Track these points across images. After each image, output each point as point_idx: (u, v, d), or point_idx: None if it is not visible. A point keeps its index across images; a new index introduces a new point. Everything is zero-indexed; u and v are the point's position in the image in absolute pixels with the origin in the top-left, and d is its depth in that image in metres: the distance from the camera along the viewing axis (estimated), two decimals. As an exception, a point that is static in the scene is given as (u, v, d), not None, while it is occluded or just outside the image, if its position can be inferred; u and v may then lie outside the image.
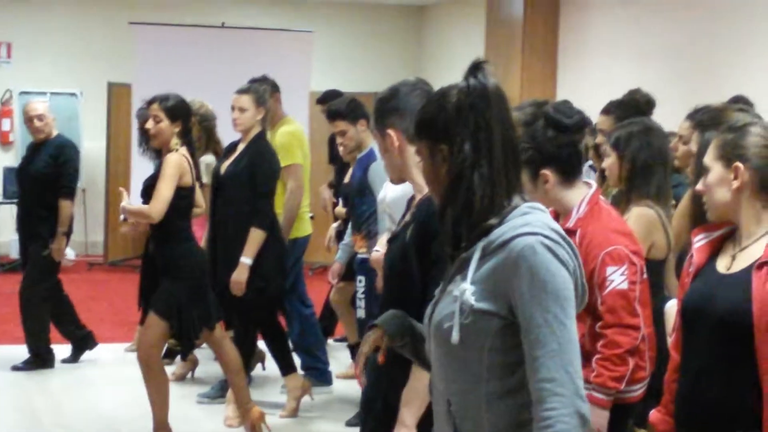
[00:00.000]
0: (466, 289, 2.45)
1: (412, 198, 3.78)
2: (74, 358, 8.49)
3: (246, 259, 6.71)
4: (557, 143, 3.94)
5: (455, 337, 2.45)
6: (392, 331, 2.84)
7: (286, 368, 7.37)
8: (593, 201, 4.00)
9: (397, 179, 3.79)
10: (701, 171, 3.65)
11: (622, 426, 4.05)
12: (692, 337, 3.25)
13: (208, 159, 7.39)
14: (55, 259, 8.10)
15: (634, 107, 5.65)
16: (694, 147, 4.60)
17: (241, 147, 7.01)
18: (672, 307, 3.78)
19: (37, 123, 8.20)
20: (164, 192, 6.05)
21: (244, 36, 13.87)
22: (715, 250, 3.29)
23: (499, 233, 2.46)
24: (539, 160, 3.91)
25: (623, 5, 12.17)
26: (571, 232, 3.89)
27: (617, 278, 3.85)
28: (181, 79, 11.12)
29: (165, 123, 6.17)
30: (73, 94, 14.64)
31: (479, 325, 2.44)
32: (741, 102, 5.54)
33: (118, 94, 13.57)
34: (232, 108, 6.97)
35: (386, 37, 16.32)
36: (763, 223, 3.20)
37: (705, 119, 4.61)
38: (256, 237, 6.77)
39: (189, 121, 6.50)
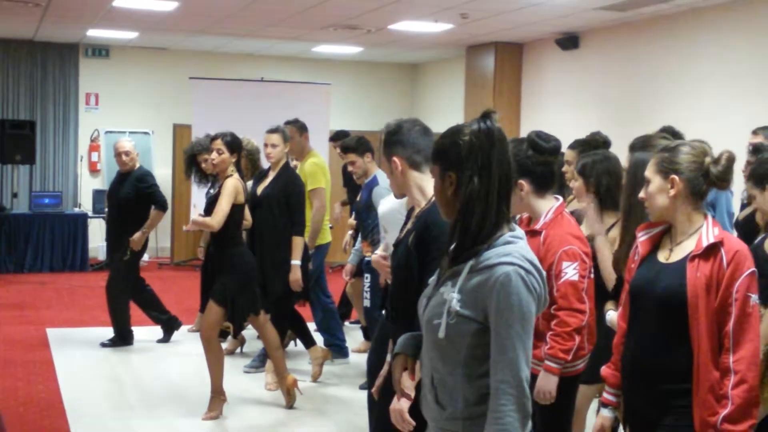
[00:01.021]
0: (453, 297, 2.50)
1: (412, 209, 3.79)
2: (166, 338, 8.49)
3: (295, 261, 6.80)
4: (534, 161, 3.98)
5: (441, 333, 2.50)
6: (411, 352, 2.82)
7: (308, 343, 7.43)
8: (558, 211, 4.01)
9: (400, 194, 3.83)
10: (635, 182, 3.76)
11: (569, 395, 4.05)
12: (638, 311, 3.27)
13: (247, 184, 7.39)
14: (133, 248, 8.10)
15: (593, 144, 5.66)
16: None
17: (271, 174, 7.03)
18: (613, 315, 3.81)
19: (124, 158, 8.24)
20: (224, 207, 6.08)
21: (278, 87, 13.89)
22: (656, 243, 3.31)
23: (486, 257, 2.49)
24: (518, 171, 3.90)
25: (570, 65, 12.18)
26: (537, 233, 3.93)
27: (570, 271, 3.87)
28: (229, 121, 11.10)
29: (226, 155, 6.19)
30: (146, 133, 14.64)
31: (461, 326, 2.49)
32: (668, 131, 5.51)
33: (180, 132, 13.57)
34: (265, 144, 7.00)
35: (387, 87, 16.33)
36: (694, 222, 3.22)
37: (638, 147, 4.61)
38: (299, 243, 6.87)
39: (241, 153, 6.52)
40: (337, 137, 8.80)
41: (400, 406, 2.84)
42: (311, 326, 7.82)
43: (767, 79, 9.05)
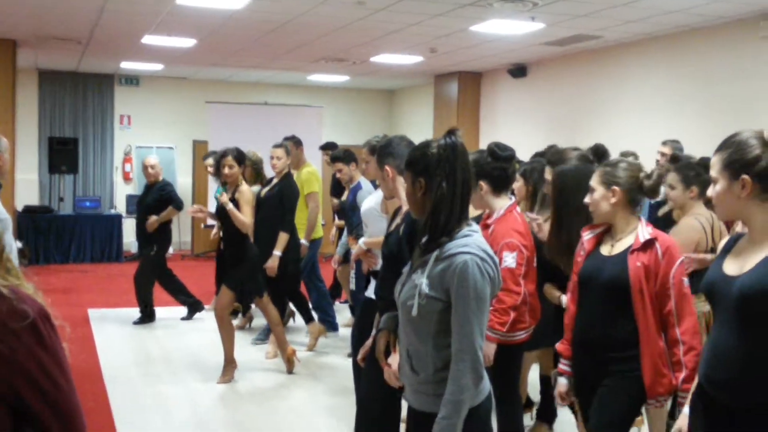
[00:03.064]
0: (423, 282, 2.52)
1: (400, 208, 3.86)
2: (189, 316, 8.46)
3: (277, 252, 6.77)
4: (492, 166, 4.03)
5: (414, 312, 2.52)
6: (392, 328, 2.90)
7: (308, 319, 7.45)
8: (510, 209, 4.04)
9: (390, 197, 3.90)
10: (562, 187, 3.90)
11: (514, 360, 4.09)
12: (586, 295, 3.31)
13: (256, 189, 7.37)
14: (148, 231, 8.06)
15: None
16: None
17: (275, 181, 7.06)
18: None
19: (149, 170, 8.26)
20: (249, 211, 6.19)
21: (280, 109, 13.87)
22: (598, 241, 3.35)
23: (448, 248, 2.52)
24: (480, 174, 3.97)
25: (520, 90, 12.22)
26: (488, 226, 3.94)
27: (509, 260, 3.89)
28: (238, 138, 11.10)
29: (236, 168, 6.18)
30: (170, 148, 14.60)
31: (430, 306, 2.51)
32: (600, 149, 5.57)
33: (199, 147, 13.52)
34: (271, 157, 7.02)
35: (369, 109, 16.33)
36: (630, 223, 3.29)
37: (553, 158, 4.69)
38: (283, 237, 6.84)
39: (245, 164, 6.52)
40: (327, 147, 8.80)
41: (393, 368, 2.86)
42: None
43: (680, 103, 9.13)
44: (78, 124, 14.20)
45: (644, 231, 3.22)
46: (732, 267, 2.38)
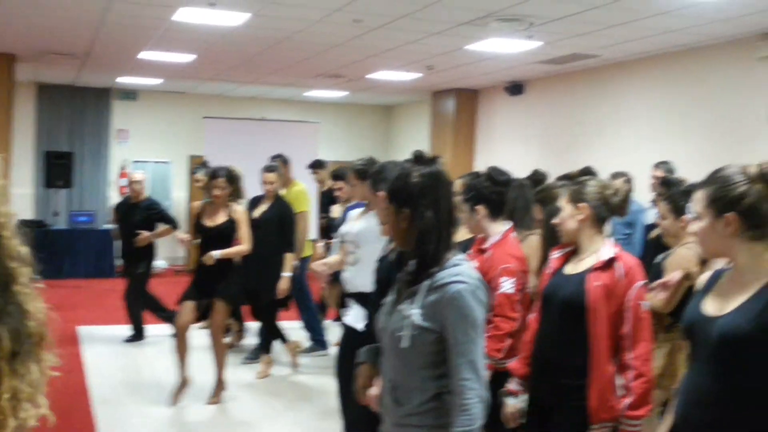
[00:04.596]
0: (415, 313, 2.44)
1: None
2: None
3: (286, 274, 6.71)
4: (489, 190, 3.97)
5: (405, 343, 2.45)
6: (374, 361, 2.80)
7: (282, 340, 7.27)
8: (506, 234, 3.97)
9: (385, 222, 3.80)
10: (553, 240, 3.77)
11: (500, 387, 3.99)
12: (546, 314, 3.26)
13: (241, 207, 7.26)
14: (139, 244, 7.87)
15: (533, 178, 5.65)
16: None
17: (267, 202, 6.99)
18: None
19: (135, 186, 8.15)
20: (246, 231, 6.14)
21: (276, 124, 13.85)
22: (565, 260, 3.31)
23: (440, 277, 2.45)
24: (476, 199, 3.94)
25: (517, 108, 12.18)
26: (484, 250, 3.87)
27: (507, 285, 3.80)
28: (235, 153, 11.07)
29: (227, 189, 6.10)
30: (167, 162, 14.52)
31: (422, 337, 2.44)
32: (589, 172, 5.50)
33: (195, 162, 13.44)
34: (264, 181, 6.96)
35: (366, 125, 16.29)
36: (595, 242, 3.23)
37: (541, 196, 4.74)
38: (290, 258, 6.82)
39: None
40: (316, 165, 8.74)
41: (375, 393, 2.79)
42: (297, 324, 7.75)
43: (676, 123, 9.08)
44: (74, 138, 14.12)
45: (608, 250, 3.17)
46: (712, 306, 2.30)
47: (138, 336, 8.18)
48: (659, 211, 4.45)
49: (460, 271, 2.46)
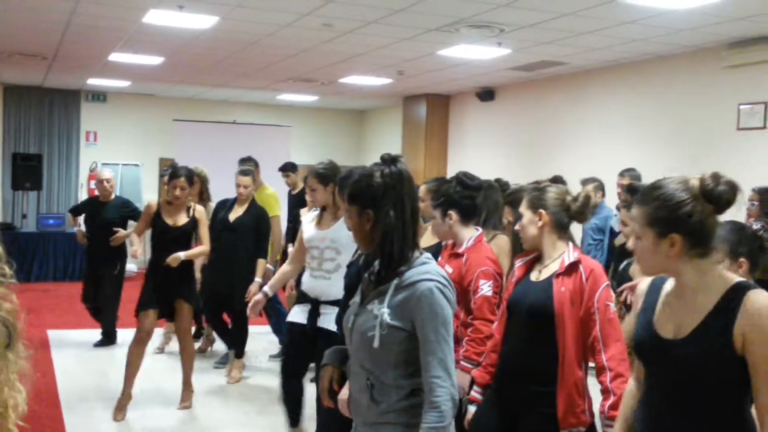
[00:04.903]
0: (384, 312, 2.43)
1: None
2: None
3: (258, 279, 6.62)
4: (460, 195, 4.02)
5: (376, 343, 2.44)
6: (338, 363, 2.75)
7: (240, 350, 7.12)
8: (479, 239, 4.01)
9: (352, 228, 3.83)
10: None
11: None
12: (511, 322, 3.24)
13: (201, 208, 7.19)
14: (114, 244, 7.69)
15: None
16: None
17: (241, 206, 6.91)
18: None
19: (106, 184, 8.01)
20: (206, 232, 6.11)
21: (248, 128, 13.82)
22: (529, 268, 3.30)
23: (408, 276, 2.45)
24: (448, 204, 3.97)
25: (488, 114, 12.26)
26: (460, 255, 3.90)
27: (485, 288, 3.84)
28: (206, 155, 11.02)
29: (187, 189, 5.99)
30: (137, 165, 14.44)
31: (392, 335, 2.43)
32: (558, 180, 5.57)
33: (165, 165, 13.39)
34: (238, 185, 6.88)
35: (338, 130, 16.32)
36: (558, 248, 3.23)
37: (509, 198, 4.74)
38: (263, 264, 6.77)
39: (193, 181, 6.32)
40: (286, 168, 8.73)
41: (344, 397, 2.79)
42: (267, 329, 7.73)
43: (643, 130, 9.19)
44: (43, 140, 14.00)
45: (570, 255, 3.17)
46: (665, 328, 2.21)
47: (110, 340, 8.10)
48: (621, 217, 4.51)
49: (428, 269, 2.46)
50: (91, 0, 7.26)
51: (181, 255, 5.86)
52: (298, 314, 4.84)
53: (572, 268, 3.13)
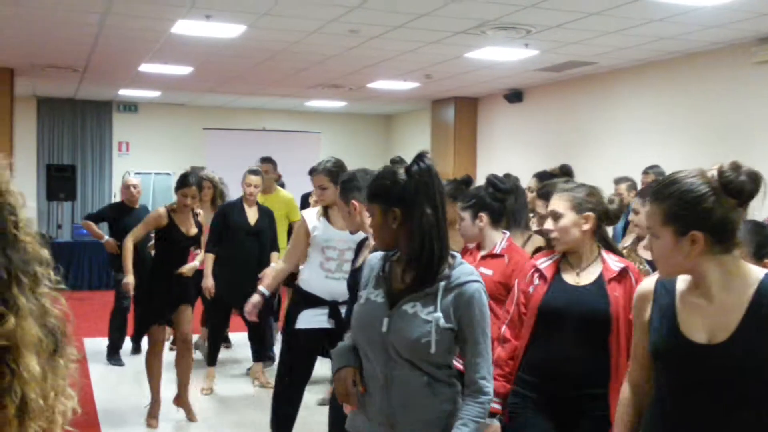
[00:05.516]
0: (439, 317, 2.41)
1: (364, 241, 3.82)
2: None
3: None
4: (492, 197, 3.98)
5: (433, 348, 2.41)
6: (355, 363, 2.58)
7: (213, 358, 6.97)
8: (510, 240, 3.99)
9: (355, 231, 3.85)
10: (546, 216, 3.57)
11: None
12: (557, 329, 3.07)
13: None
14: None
15: (554, 174, 5.74)
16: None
17: (252, 207, 6.73)
18: None
19: (132, 190, 7.90)
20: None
21: (277, 135, 13.90)
22: (557, 268, 3.19)
23: (456, 276, 2.45)
24: (479, 206, 3.94)
25: (516, 115, 12.22)
26: (498, 256, 3.86)
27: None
28: (236, 162, 11.08)
29: (198, 197, 5.81)
30: (168, 174, 14.56)
31: (444, 338, 2.43)
32: (567, 170, 5.70)
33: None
34: (249, 184, 6.71)
35: (367, 134, 16.35)
36: (594, 251, 3.16)
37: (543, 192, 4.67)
38: (276, 256, 6.58)
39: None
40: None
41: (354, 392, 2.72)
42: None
43: (673, 129, 9.11)
44: (76, 151, 14.21)
45: (612, 259, 3.13)
46: (696, 333, 2.07)
47: (137, 347, 8.13)
48: (633, 206, 4.49)
49: (471, 269, 2.48)
50: (120, 12, 7.35)
51: (197, 263, 5.81)
52: (311, 319, 4.59)
53: (623, 274, 3.08)
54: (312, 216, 4.78)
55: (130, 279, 5.82)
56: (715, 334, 2.04)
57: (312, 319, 4.58)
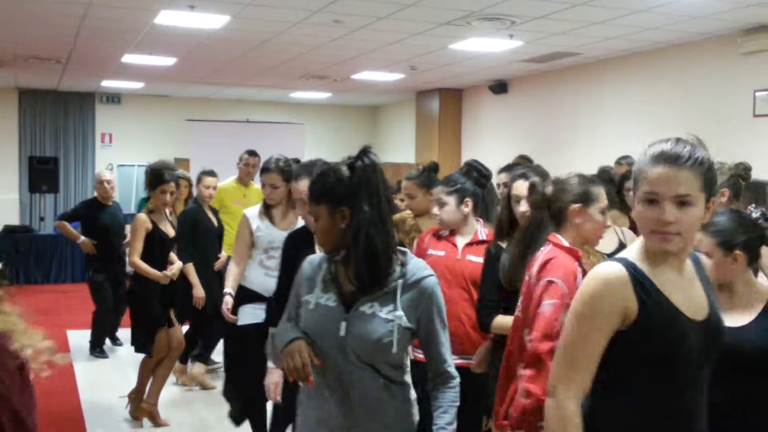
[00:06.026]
0: (401, 316, 2.36)
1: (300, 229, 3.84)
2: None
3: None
4: (477, 183, 3.96)
5: (395, 348, 2.36)
6: (306, 338, 2.40)
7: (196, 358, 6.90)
8: (488, 228, 3.96)
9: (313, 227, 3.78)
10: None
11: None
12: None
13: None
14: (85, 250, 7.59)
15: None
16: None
17: (209, 209, 6.59)
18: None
19: (106, 186, 7.74)
20: None
21: (262, 127, 13.83)
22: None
23: (411, 273, 2.40)
24: (464, 192, 3.90)
25: (501, 107, 12.23)
26: (485, 242, 3.82)
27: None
28: (220, 154, 11.05)
29: (176, 193, 5.69)
30: (152, 166, 14.50)
31: (404, 338, 2.40)
32: (527, 159, 5.66)
33: (181, 165, 13.15)
34: (207, 186, 6.48)
35: (352, 126, 16.31)
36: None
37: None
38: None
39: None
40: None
41: (276, 379, 2.66)
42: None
43: (659, 119, 9.13)
44: (59, 143, 14.11)
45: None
46: (688, 311, 1.99)
47: (114, 342, 8.10)
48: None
49: (423, 263, 2.45)
50: (103, 3, 7.30)
51: (180, 265, 5.72)
52: (250, 315, 4.52)
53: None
54: (254, 215, 4.66)
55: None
56: (697, 311, 2.00)
57: (250, 314, 4.53)
